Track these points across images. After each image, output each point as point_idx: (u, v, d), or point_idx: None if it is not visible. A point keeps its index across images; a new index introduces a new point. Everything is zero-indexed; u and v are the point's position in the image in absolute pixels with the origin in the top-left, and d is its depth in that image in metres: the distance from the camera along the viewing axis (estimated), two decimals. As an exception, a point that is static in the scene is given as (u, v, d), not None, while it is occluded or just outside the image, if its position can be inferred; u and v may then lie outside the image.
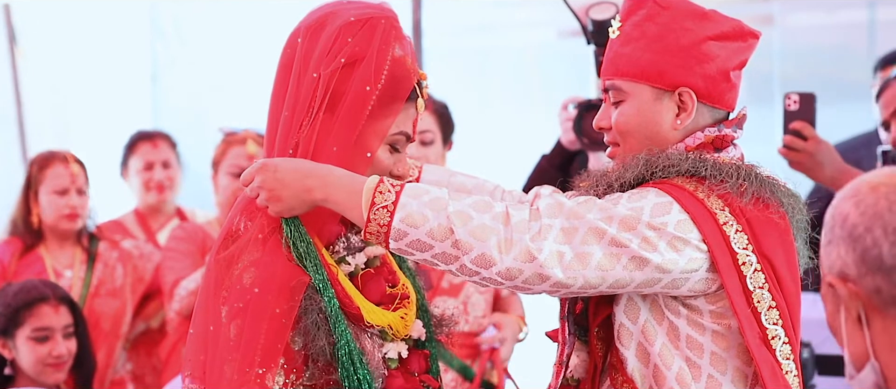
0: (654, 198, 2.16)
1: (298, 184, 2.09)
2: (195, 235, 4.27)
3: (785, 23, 7.63)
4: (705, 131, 2.29)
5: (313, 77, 2.14)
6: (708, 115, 2.30)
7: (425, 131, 3.63)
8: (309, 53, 2.16)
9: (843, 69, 7.12)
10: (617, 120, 2.31)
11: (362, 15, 2.16)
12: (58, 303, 3.77)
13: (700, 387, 2.21)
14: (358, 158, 2.15)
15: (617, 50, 2.31)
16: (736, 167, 2.22)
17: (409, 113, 2.20)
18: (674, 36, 2.26)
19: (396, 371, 2.25)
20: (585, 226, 2.10)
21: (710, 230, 2.15)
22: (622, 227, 2.11)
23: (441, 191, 2.11)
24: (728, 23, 2.28)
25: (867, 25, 7.23)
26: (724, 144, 2.30)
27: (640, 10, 2.29)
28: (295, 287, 2.10)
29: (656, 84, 2.27)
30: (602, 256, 2.10)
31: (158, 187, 4.80)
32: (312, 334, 2.10)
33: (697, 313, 2.21)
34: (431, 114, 3.66)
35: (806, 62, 7.46)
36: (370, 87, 2.12)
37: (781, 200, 2.25)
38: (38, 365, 3.71)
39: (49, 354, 3.71)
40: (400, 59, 2.15)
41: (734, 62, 2.30)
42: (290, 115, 2.17)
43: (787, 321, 2.23)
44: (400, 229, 2.07)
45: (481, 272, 2.08)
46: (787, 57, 7.54)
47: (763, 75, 7.69)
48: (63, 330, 3.76)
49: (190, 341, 2.17)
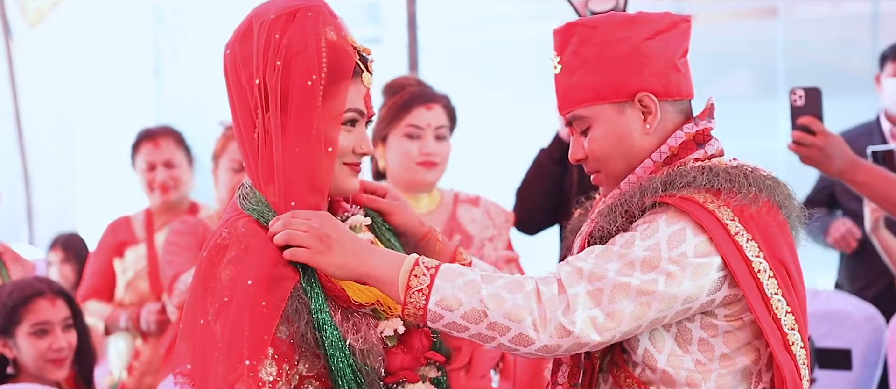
0: (666, 228, 2.17)
1: (349, 249, 2.15)
2: (196, 229, 4.26)
3: (788, 15, 7.63)
4: (684, 129, 2.30)
5: (255, 83, 2.15)
6: (672, 109, 2.30)
7: (441, 127, 3.61)
8: (245, 58, 2.16)
9: (847, 61, 7.11)
10: (590, 148, 2.32)
11: (284, 9, 2.17)
12: (54, 296, 3.77)
13: (710, 387, 2.23)
14: (321, 155, 2.16)
15: (565, 83, 2.32)
16: (743, 174, 2.23)
17: (359, 89, 2.20)
18: (612, 49, 2.27)
19: (396, 349, 2.26)
20: (610, 285, 2.14)
21: (725, 242, 2.17)
22: (645, 270, 2.14)
23: (474, 273, 2.17)
24: (657, 19, 2.30)
25: (870, 17, 7.22)
26: (705, 139, 2.31)
27: (571, 37, 2.31)
28: (282, 279, 2.11)
29: (614, 99, 2.28)
30: (633, 307, 2.14)
31: (162, 188, 4.76)
32: (295, 321, 2.11)
33: (712, 316, 2.23)
34: (444, 108, 3.64)
35: (809, 54, 7.46)
36: (312, 81, 2.13)
37: (782, 201, 2.26)
38: (39, 361, 3.71)
39: (49, 348, 3.71)
40: (334, 42, 2.16)
41: (677, 52, 2.30)
42: (241, 123, 2.19)
43: (802, 326, 2.26)
44: (435, 312, 2.14)
45: (520, 349, 2.14)
46: (791, 49, 7.54)
47: (766, 68, 7.70)
48: (62, 323, 3.76)
49: (180, 340, 2.18)
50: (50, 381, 3.71)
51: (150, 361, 4.61)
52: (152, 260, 4.67)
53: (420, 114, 3.55)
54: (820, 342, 4.33)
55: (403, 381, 2.26)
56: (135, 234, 4.77)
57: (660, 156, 2.28)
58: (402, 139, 3.54)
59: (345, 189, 2.24)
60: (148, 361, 4.61)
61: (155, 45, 7.74)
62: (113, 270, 4.71)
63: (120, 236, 4.75)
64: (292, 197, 2.16)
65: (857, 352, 4.41)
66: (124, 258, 4.71)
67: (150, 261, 4.67)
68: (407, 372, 2.26)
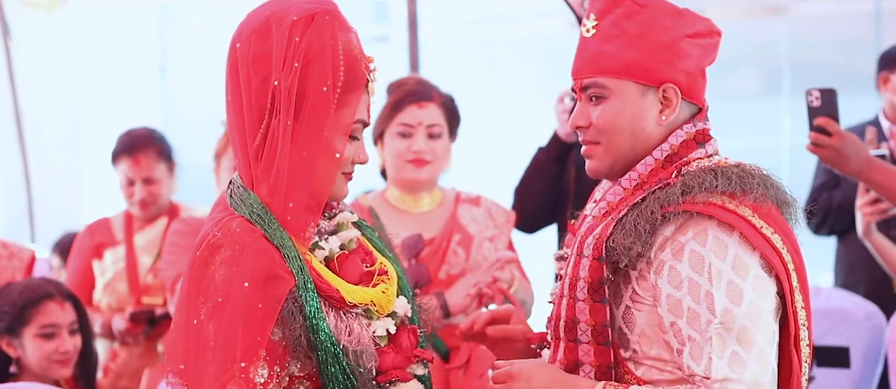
0: (722, 263, 2.16)
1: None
2: (197, 230, 4.23)
3: (793, 13, 7.63)
4: (685, 128, 2.30)
5: (273, 85, 2.14)
6: (686, 110, 2.31)
7: (433, 125, 3.61)
8: (259, 57, 2.16)
9: (851, 59, 7.11)
10: (600, 118, 2.30)
11: (304, 12, 2.17)
12: (63, 300, 3.78)
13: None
14: (328, 161, 2.17)
15: (596, 48, 2.30)
16: (750, 174, 2.24)
17: (364, 99, 2.22)
18: (655, 33, 2.27)
19: (387, 348, 2.28)
20: (753, 361, 2.14)
21: (756, 239, 2.18)
22: (755, 323, 2.15)
23: None
24: (700, 21, 2.31)
25: (873, 15, 7.22)
26: (705, 139, 2.31)
27: (616, 8, 2.30)
28: (278, 281, 2.11)
29: (642, 81, 2.27)
30: (773, 356, 2.17)
31: (140, 205, 4.72)
32: (289, 323, 2.12)
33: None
34: (439, 107, 3.64)
35: (813, 52, 7.45)
36: (328, 87, 2.14)
37: (786, 200, 2.27)
38: (44, 362, 3.72)
39: (56, 350, 3.72)
40: (349, 50, 2.17)
41: (707, 60, 2.32)
42: (245, 121, 2.18)
43: (810, 324, 2.27)
44: None
45: None
46: (795, 47, 7.53)
47: (771, 66, 7.69)
48: (69, 327, 3.76)
49: (171, 340, 2.19)
50: (53, 380, 3.72)
51: (127, 363, 4.59)
52: (131, 262, 4.65)
53: (412, 112, 3.56)
54: (820, 340, 4.33)
55: (395, 380, 2.27)
56: (114, 235, 4.74)
57: (661, 153, 2.28)
58: (395, 138, 3.56)
59: (338, 195, 2.27)
60: (124, 362, 4.59)
61: (160, 42, 7.75)
62: (92, 271, 4.69)
63: (98, 237, 4.71)
64: (291, 199, 2.16)
65: (858, 350, 4.41)
66: (103, 260, 4.68)
67: (129, 263, 4.65)
68: (398, 371, 2.28)
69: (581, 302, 2.26)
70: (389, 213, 3.58)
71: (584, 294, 2.24)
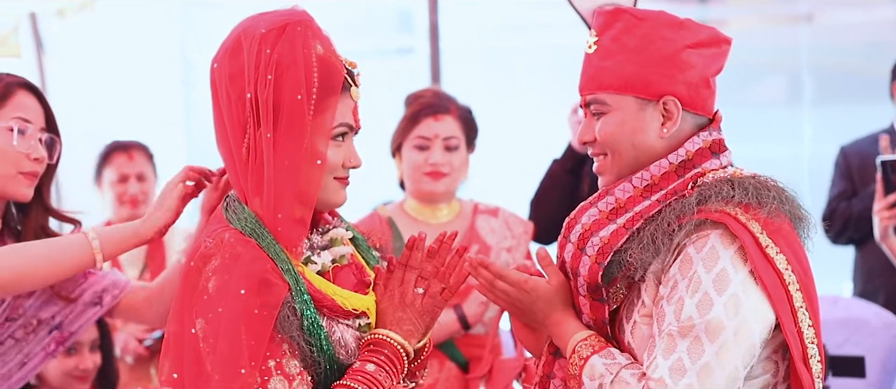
0: (706, 274, 2.16)
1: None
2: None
3: (816, 21, 7.60)
4: (701, 136, 2.30)
5: (247, 97, 2.17)
6: (691, 121, 2.31)
7: (450, 137, 3.63)
8: (234, 73, 2.18)
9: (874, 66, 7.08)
10: (602, 132, 2.31)
11: (274, 24, 2.19)
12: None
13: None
14: (311, 168, 2.18)
15: (597, 64, 2.32)
16: (766, 187, 2.24)
17: (347, 103, 2.23)
18: (654, 46, 2.27)
19: None
20: (694, 373, 2.14)
21: (756, 254, 2.18)
22: (712, 338, 2.14)
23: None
24: (704, 31, 2.30)
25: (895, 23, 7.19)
26: (721, 149, 2.31)
27: (616, 22, 2.31)
28: (272, 286, 2.12)
29: (641, 95, 2.28)
30: (725, 378, 2.15)
31: (131, 202, 4.72)
32: (287, 330, 2.12)
33: None
34: (456, 119, 3.66)
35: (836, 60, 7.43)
36: (302, 95, 2.15)
37: (799, 214, 2.27)
38: (63, 377, 3.74)
39: (76, 367, 3.75)
40: (323, 56, 2.18)
41: (712, 69, 2.32)
42: (230, 138, 2.21)
43: (819, 340, 2.26)
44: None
45: None
46: (817, 56, 7.51)
47: (792, 74, 7.67)
48: (90, 344, 3.79)
49: (163, 351, 2.18)
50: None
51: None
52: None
53: (428, 125, 3.57)
54: (838, 349, 4.31)
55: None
56: None
57: (676, 158, 2.28)
58: (412, 150, 3.57)
59: (333, 202, 2.27)
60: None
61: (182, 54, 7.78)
62: None
63: None
64: (280, 209, 2.18)
65: (876, 359, 4.39)
66: None
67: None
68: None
69: (582, 298, 2.29)
70: (408, 224, 3.60)
71: (584, 291, 2.27)
